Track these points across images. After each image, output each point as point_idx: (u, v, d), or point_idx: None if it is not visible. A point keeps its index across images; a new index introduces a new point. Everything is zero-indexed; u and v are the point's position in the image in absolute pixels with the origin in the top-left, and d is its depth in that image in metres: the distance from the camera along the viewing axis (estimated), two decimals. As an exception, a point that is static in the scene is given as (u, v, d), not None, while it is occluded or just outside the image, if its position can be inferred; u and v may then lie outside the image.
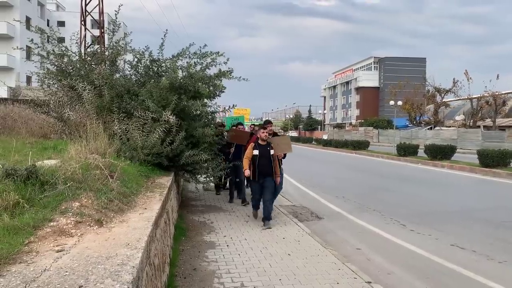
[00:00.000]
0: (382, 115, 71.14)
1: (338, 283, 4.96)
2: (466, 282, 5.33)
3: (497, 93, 41.02)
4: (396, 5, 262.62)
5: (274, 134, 8.48)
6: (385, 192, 12.42)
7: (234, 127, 10.34)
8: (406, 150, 24.90)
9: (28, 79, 32.93)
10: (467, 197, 12.12)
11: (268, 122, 8.62)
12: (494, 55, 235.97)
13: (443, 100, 48.89)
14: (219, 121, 12.02)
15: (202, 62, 7.99)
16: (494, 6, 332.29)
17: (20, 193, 3.47)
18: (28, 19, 42.44)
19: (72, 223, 3.30)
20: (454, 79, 45.87)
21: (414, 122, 52.99)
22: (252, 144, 7.71)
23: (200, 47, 8.07)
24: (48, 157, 5.09)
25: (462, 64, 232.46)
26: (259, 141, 7.74)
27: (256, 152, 7.57)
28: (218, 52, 8.03)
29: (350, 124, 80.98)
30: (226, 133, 9.96)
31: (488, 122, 43.78)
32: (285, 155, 8.35)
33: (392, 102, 37.86)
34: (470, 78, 43.72)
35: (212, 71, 8.14)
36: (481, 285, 5.21)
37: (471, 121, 44.84)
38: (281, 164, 8.22)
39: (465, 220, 8.69)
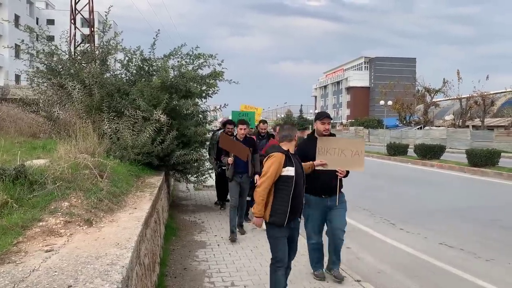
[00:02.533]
0: (372, 115, 71.53)
1: (327, 282, 5.00)
2: (454, 280, 5.40)
3: (485, 93, 41.45)
4: (385, 5, 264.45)
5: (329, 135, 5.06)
6: (375, 191, 12.49)
7: (230, 129, 8.27)
8: (396, 150, 25.08)
9: (17, 78, 32.62)
10: (455, 196, 12.24)
11: (323, 116, 5.07)
12: (483, 56, 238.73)
13: (433, 100, 49.28)
14: (224, 118, 10.74)
15: (193, 62, 7.98)
16: (482, 6, 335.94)
17: (8, 193, 3.44)
18: (17, 17, 42.09)
19: (62, 223, 3.29)
20: (444, 79, 46.25)
21: (404, 122, 53.32)
22: (280, 156, 4.03)
23: (192, 48, 8.06)
24: (37, 157, 5.05)
25: (451, 64, 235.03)
26: (284, 146, 4.20)
27: (291, 171, 4.04)
28: (212, 54, 8.03)
29: (341, 123, 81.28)
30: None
31: (477, 122, 44.23)
32: (347, 173, 5.00)
33: (382, 102, 38.04)
34: (460, 78, 44.14)
35: (205, 71, 8.14)
36: (469, 283, 5.28)
37: (460, 121, 45.25)
38: (342, 186, 5.05)
39: (454, 219, 8.78)
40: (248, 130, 7.46)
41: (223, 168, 7.92)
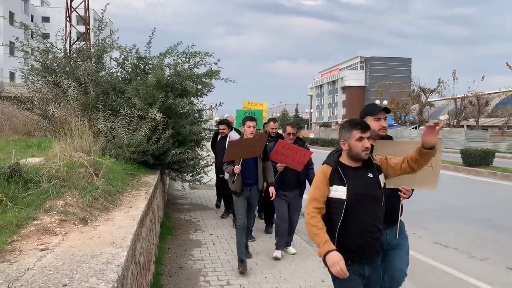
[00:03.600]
0: (368, 115, 71.62)
1: (323, 281, 5.00)
2: (449, 279, 5.42)
3: (480, 94, 41.65)
4: (381, 5, 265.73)
5: (385, 138, 3.52)
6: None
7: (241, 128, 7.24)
8: (391, 149, 25.13)
9: (12, 75, 32.38)
10: (450, 196, 12.29)
11: (378, 110, 3.51)
12: (477, 56, 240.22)
13: (428, 100, 49.47)
14: (228, 116, 9.33)
15: (189, 61, 7.96)
16: (477, 7, 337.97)
17: (3, 191, 3.42)
18: (11, 14, 41.78)
19: (57, 221, 3.27)
20: (439, 79, 46.43)
21: (400, 122, 53.51)
22: (321, 169, 2.98)
23: (188, 46, 8.05)
24: (32, 155, 5.03)
25: (447, 64, 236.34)
26: (344, 155, 2.99)
27: (340, 192, 2.88)
28: (208, 53, 8.01)
29: (336, 123, 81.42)
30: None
31: (472, 122, 44.44)
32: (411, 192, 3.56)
33: (377, 102, 38.13)
34: (456, 78, 44.34)
35: (201, 70, 8.12)
36: (463, 282, 5.30)
37: (455, 120, 45.45)
38: (401, 213, 3.65)
39: (448, 219, 8.82)
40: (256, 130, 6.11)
41: (221, 176, 7.30)
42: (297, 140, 6.06)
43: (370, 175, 2.94)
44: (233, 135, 7.63)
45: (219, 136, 8.22)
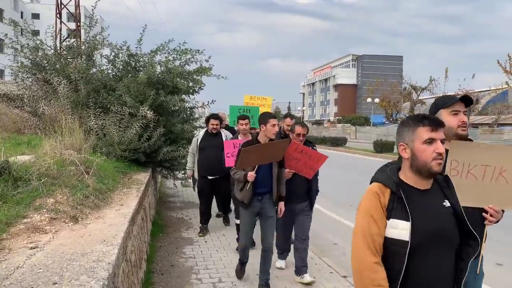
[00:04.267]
0: (359, 112, 72.15)
1: (314, 277, 5.03)
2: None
3: (470, 92, 42.01)
4: (373, 3, 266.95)
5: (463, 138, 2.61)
6: (361, 188, 12.47)
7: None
8: (383, 147, 25.33)
9: (1, 73, 32.06)
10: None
11: (454, 101, 2.55)
12: (468, 55, 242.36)
13: (419, 98, 49.80)
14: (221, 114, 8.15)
15: (181, 58, 7.94)
16: (469, 6, 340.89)
17: (-8, 189, 3.39)
18: (1, 11, 41.39)
19: (47, 219, 3.25)
20: (431, 77, 46.75)
21: (391, 119, 53.77)
22: (371, 192, 2.11)
23: (180, 43, 8.03)
24: (22, 153, 4.98)
25: (438, 62, 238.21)
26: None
27: (402, 230, 1.89)
28: (199, 50, 8.00)
29: (328, 121, 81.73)
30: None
31: (462, 119, 44.82)
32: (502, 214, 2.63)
33: (369, 100, 38.35)
34: (446, 76, 44.69)
35: (192, 67, 8.11)
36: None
37: (446, 118, 45.79)
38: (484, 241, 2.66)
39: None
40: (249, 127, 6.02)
41: (211, 178, 6.75)
42: (306, 142, 5.12)
43: (446, 203, 1.98)
44: (227, 134, 7.28)
45: (204, 131, 7.11)
